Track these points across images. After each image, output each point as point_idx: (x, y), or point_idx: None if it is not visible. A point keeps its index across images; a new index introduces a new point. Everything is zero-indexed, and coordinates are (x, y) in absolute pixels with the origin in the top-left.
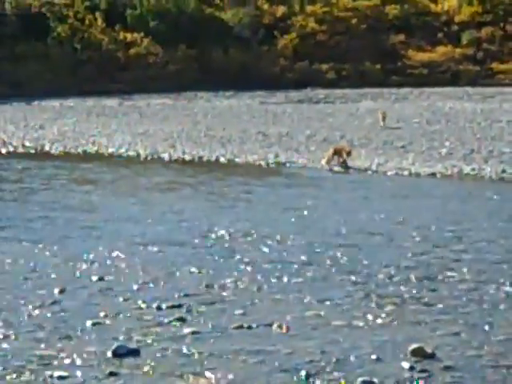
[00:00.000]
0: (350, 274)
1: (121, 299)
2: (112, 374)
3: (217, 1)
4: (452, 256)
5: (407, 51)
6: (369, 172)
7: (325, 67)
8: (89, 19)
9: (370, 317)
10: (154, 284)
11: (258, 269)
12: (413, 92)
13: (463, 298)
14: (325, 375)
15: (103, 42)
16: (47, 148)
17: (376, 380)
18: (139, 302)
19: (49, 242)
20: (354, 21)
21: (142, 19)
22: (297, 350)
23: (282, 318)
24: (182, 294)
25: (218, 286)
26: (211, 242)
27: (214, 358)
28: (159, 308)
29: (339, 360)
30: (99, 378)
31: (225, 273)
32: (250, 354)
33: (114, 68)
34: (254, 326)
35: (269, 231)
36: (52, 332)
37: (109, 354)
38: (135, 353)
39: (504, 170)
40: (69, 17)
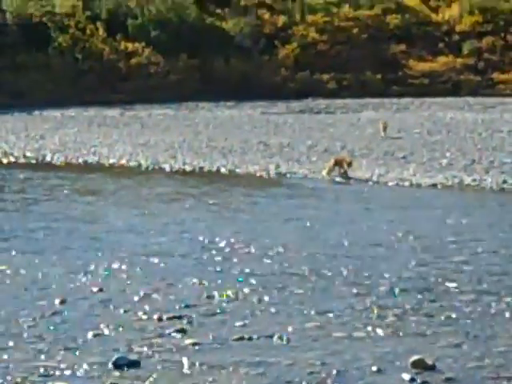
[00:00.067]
0: (350, 285)
1: (121, 310)
2: None
3: (218, 10)
4: (453, 267)
5: (408, 61)
6: (370, 183)
7: (326, 77)
8: (90, 29)
9: (370, 328)
10: (155, 295)
11: (258, 280)
12: (414, 102)
13: (464, 309)
14: None
15: (104, 52)
16: (48, 158)
17: None
18: (140, 313)
19: (49, 252)
20: (355, 30)
21: (143, 29)
22: (297, 362)
23: (282, 329)
24: (182, 306)
25: (218, 297)
26: (212, 253)
27: (214, 369)
28: (160, 319)
29: (340, 372)
30: None
31: (226, 284)
32: (251, 366)
33: (116, 78)
34: (254, 337)
35: (270, 242)
36: (53, 343)
37: (109, 365)
38: (136, 364)
39: (505, 181)
40: (70, 27)
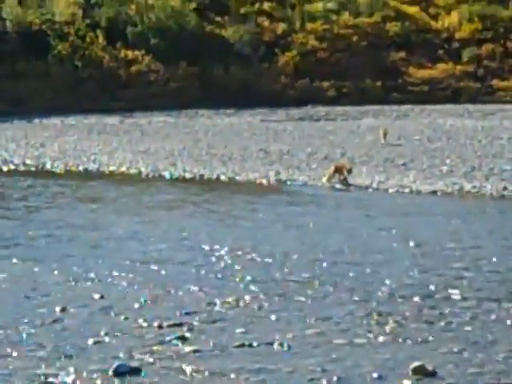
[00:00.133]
0: (351, 291)
1: (122, 318)
2: None
3: (217, 18)
4: (453, 274)
5: (408, 68)
6: (370, 189)
7: (325, 84)
8: (90, 37)
9: (371, 335)
10: (156, 302)
11: (259, 287)
12: (414, 109)
13: (464, 315)
14: None
15: (104, 60)
16: (48, 166)
17: None
18: (140, 321)
19: (50, 260)
20: (355, 38)
21: (142, 36)
22: (298, 369)
23: (283, 336)
24: (183, 313)
25: (219, 304)
26: (212, 260)
27: (215, 376)
28: (160, 326)
29: (340, 378)
30: None
31: (226, 291)
32: (252, 373)
33: (115, 86)
34: (255, 344)
35: (270, 249)
36: (53, 351)
37: (110, 372)
38: (136, 371)
39: (505, 188)
40: (69, 34)
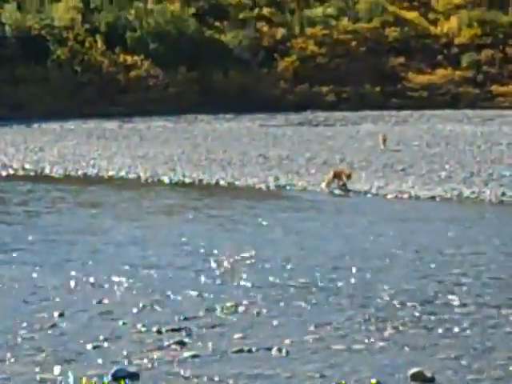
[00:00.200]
0: (349, 297)
1: (120, 323)
2: None
3: (217, 23)
4: (452, 280)
5: (407, 74)
6: (369, 195)
7: (325, 90)
8: (89, 42)
9: (369, 341)
10: (154, 307)
11: (257, 292)
12: (413, 115)
13: (463, 321)
14: None
15: (103, 65)
16: (47, 171)
17: None
18: (139, 326)
19: (49, 264)
20: (354, 43)
21: (142, 41)
22: (296, 374)
23: (281, 341)
24: (181, 318)
25: (217, 309)
26: (211, 265)
27: (213, 381)
28: (159, 331)
29: None
30: None
31: (225, 296)
32: (250, 378)
33: (114, 90)
34: (253, 349)
35: (269, 254)
36: (51, 355)
37: (109, 377)
38: (135, 376)
39: (504, 193)
40: (69, 39)
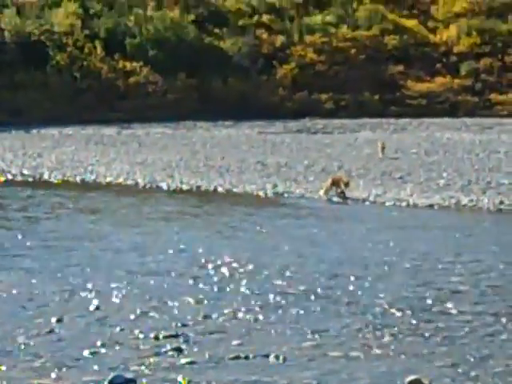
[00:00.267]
0: (347, 304)
1: (118, 329)
2: None
3: (216, 30)
4: (449, 287)
5: (406, 82)
6: (367, 203)
7: (324, 97)
8: (88, 47)
9: (367, 348)
10: (152, 314)
11: (255, 299)
12: (411, 123)
13: (461, 329)
14: None
15: (102, 71)
16: (46, 176)
17: None
18: (136, 332)
19: (46, 270)
20: (353, 51)
21: (141, 48)
22: (294, 381)
23: (279, 348)
24: (179, 324)
25: (215, 316)
26: (209, 272)
27: None
28: (156, 338)
29: None
30: None
31: (222, 303)
32: None
33: (113, 97)
34: (251, 356)
35: (267, 261)
36: (49, 361)
37: (106, 383)
38: (132, 382)
39: (502, 202)
40: (68, 45)
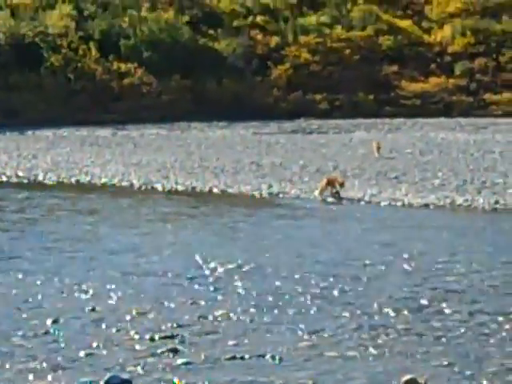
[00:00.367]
0: (342, 304)
1: (114, 329)
2: None
3: (210, 31)
4: (445, 287)
5: (400, 82)
6: (362, 203)
7: (318, 97)
8: (82, 49)
9: (362, 348)
10: (148, 314)
11: (251, 300)
12: (406, 123)
13: (456, 329)
14: None
15: (97, 72)
16: (40, 178)
17: None
18: (132, 333)
19: (42, 271)
20: (348, 51)
21: (135, 49)
22: (289, 381)
23: (275, 348)
24: (175, 325)
25: (211, 316)
26: (205, 272)
27: None
28: (152, 339)
29: None
30: None
31: (218, 304)
32: None
33: (108, 98)
34: (246, 356)
35: (262, 262)
36: (45, 362)
37: None
38: (128, 383)
39: (497, 201)
40: (62, 46)
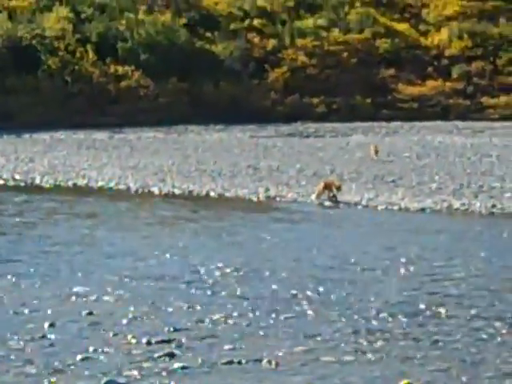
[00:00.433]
0: (339, 309)
1: (111, 334)
2: None
3: (207, 34)
4: (442, 291)
5: (397, 85)
6: (359, 207)
7: (315, 101)
8: (80, 52)
9: (359, 352)
10: (144, 319)
11: (247, 304)
12: (403, 126)
13: (453, 333)
14: None
15: (94, 75)
16: (38, 181)
17: None
18: (129, 337)
19: (38, 275)
20: (345, 54)
21: (132, 52)
22: None
23: (271, 353)
24: (171, 329)
25: (208, 321)
26: (202, 276)
27: None
28: (149, 343)
29: None
30: None
31: (215, 308)
32: None
33: (105, 101)
34: (243, 361)
35: (259, 266)
36: (41, 367)
37: None
38: None
39: (494, 205)
40: (59, 49)
